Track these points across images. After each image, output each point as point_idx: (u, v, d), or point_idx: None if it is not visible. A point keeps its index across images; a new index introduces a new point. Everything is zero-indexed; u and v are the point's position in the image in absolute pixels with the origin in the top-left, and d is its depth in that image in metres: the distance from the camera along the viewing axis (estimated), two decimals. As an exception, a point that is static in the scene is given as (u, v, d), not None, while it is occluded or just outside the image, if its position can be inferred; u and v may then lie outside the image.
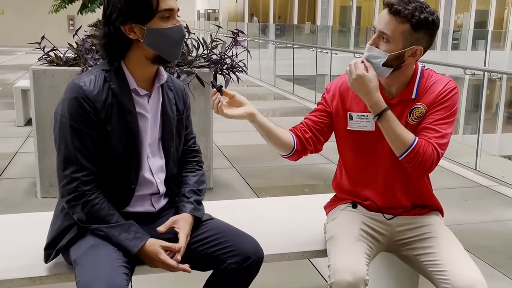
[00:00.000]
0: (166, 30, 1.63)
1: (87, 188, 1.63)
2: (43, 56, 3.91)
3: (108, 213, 1.64)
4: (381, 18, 1.75)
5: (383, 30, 1.73)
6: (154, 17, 1.61)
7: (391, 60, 1.75)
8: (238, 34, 3.91)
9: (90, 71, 1.70)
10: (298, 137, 1.92)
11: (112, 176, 1.69)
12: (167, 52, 1.67)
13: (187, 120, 1.90)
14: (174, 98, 1.82)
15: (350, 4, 27.94)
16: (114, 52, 1.67)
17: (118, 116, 1.65)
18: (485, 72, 5.72)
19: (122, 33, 1.63)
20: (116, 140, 1.66)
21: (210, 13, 28.20)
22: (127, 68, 1.69)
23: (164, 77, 1.77)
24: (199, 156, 1.96)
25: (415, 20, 1.70)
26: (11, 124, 6.46)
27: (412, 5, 1.71)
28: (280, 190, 4.50)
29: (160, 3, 1.60)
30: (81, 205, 1.62)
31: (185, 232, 1.70)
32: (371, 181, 1.93)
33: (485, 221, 3.75)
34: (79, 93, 1.61)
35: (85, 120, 1.61)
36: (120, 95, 1.66)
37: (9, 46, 19.57)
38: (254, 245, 1.73)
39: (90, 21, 5.97)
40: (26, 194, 4.00)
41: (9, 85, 9.41)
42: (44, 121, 3.69)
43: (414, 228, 1.87)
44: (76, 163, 1.62)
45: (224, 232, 1.75)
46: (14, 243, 1.97)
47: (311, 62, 10.13)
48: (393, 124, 1.75)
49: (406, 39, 1.73)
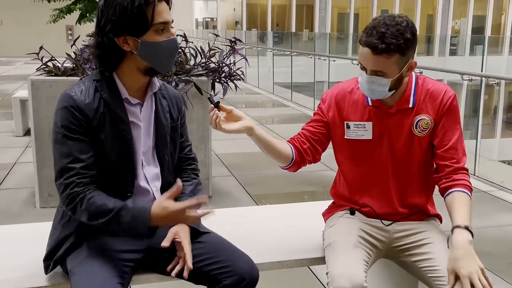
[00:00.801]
0: (160, 43, 1.63)
1: (81, 189, 1.60)
2: (42, 67, 3.92)
3: (105, 202, 1.60)
4: (368, 59, 1.73)
5: (375, 69, 1.74)
6: (149, 30, 1.61)
7: (393, 83, 1.77)
8: (236, 43, 3.93)
9: (82, 82, 1.70)
10: (296, 148, 1.93)
11: (108, 185, 1.68)
12: (160, 64, 1.67)
13: (182, 127, 1.89)
14: (168, 106, 1.82)
15: (347, 11, 28.09)
16: (106, 63, 1.67)
17: (110, 125, 1.65)
18: (483, 77, 5.74)
19: (115, 45, 1.62)
20: (110, 149, 1.66)
21: (208, 21, 28.28)
22: (119, 78, 1.69)
23: (156, 86, 1.77)
24: (195, 164, 1.95)
25: (401, 47, 1.70)
26: (10, 134, 6.47)
27: (389, 33, 1.68)
28: (279, 197, 4.50)
29: (155, 16, 1.60)
30: (79, 204, 1.60)
31: (188, 242, 1.70)
32: (369, 189, 1.93)
33: (485, 226, 3.75)
34: (70, 102, 1.61)
35: (78, 128, 1.61)
36: (112, 104, 1.66)
37: (8, 56, 19.62)
38: (250, 264, 1.72)
39: (88, 31, 6.00)
40: (25, 204, 4.00)
41: (8, 95, 9.43)
42: (43, 131, 3.70)
43: (412, 234, 1.87)
44: (70, 169, 1.61)
45: (220, 250, 1.74)
46: (14, 253, 1.96)
47: (309, 69, 10.16)
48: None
49: (400, 65, 1.74)
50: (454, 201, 1.76)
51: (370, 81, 1.77)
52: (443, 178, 1.82)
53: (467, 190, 1.78)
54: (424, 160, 1.89)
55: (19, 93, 7.03)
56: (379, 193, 1.92)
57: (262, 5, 27.22)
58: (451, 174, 1.81)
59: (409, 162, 1.88)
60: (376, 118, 1.88)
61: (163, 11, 1.62)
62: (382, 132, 1.88)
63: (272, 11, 26.99)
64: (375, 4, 26.99)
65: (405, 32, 1.70)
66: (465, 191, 1.78)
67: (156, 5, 1.59)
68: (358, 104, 1.90)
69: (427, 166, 1.92)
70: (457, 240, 1.63)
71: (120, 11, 1.57)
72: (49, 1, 7.13)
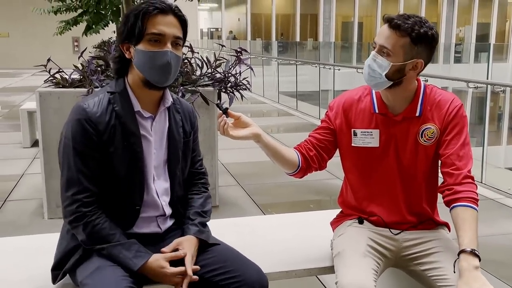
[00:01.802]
0: (149, 53, 1.65)
1: (88, 210, 1.64)
2: (49, 78, 3.95)
3: (109, 232, 1.65)
4: (381, 33, 1.78)
5: (384, 44, 1.76)
6: (143, 38, 1.65)
7: (392, 72, 1.77)
8: (242, 53, 3.95)
9: (96, 93, 1.73)
10: (302, 155, 1.93)
11: (116, 197, 1.70)
12: (152, 76, 1.67)
13: (194, 142, 1.91)
14: (182, 121, 1.83)
15: (351, 20, 28.16)
16: (118, 69, 1.75)
17: (121, 138, 1.67)
18: (488, 85, 5.73)
19: (123, 53, 1.71)
20: (119, 162, 1.67)
21: (213, 31, 28.44)
22: (131, 90, 1.72)
23: (169, 100, 1.78)
24: (205, 178, 1.96)
25: (414, 33, 1.72)
26: (18, 146, 6.51)
27: (411, 19, 1.74)
28: (285, 207, 4.49)
29: (149, 26, 1.64)
30: (82, 226, 1.63)
31: (190, 253, 1.70)
32: (377, 197, 1.93)
33: (493, 234, 3.73)
34: (82, 115, 1.63)
35: (87, 142, 1.63)
36: (123, 117, 1.68)
37: (15, 68, 19.77)
38: (259, 273, 1.73)
39: (94, 42, 6.03)
40: (33, 215, 4.01)
41: (15, 107, 9.50)
42: (51, 142, 3.72)
43: (421, 243, 1.87)
44: (78, 185, 1.63)
45: (230, 259, 1.74)
46: (23, 265, 1.97)
47: (314, 78, 10.19)
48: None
49: (406, 53, 1.75)
50: (458, 218, 1.70)
51: (372, 59, 1.79)
52: (446, 190, 1.78)
53: (471, 203, 1.72)
54: (430, 169, 1.89)
55: (26, 104, 7.08)
56: (387, 201, 1.91)
57: (266, 15, 27.36)
58: (454, 186, 1.76)
59: (415, 170, 1.88)
60: (383, 125, 1.88)
61: (159, 23, 1.65)
62: (389, 140, 1.88)
63: (276, 20, 27.12)
64: (379, 12, 27.07)
65: (425, 28, 1.73)
66: (469, 205, 1.72)
67: (154, 16, 1.65)
68: (366, 111, 1.91)
69: (433, 176, 1.91)
70: (462, 266, 1.60)
71: (124, 20, 1.69)
72: (56, 14, 7.20)
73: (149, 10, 1.64)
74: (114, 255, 1.62)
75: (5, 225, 3.85)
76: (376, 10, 27.30)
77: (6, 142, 6.90)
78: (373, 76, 1.80)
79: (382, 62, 1.77)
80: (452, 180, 1.77)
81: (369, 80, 1.84)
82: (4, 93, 12.87)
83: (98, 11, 6.48)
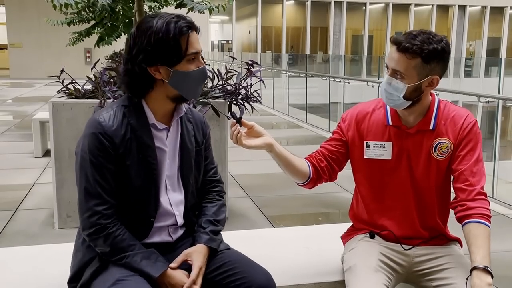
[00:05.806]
0: (191, 73, 1.66)
1: (108, 221, 1.65)
2: (62, 89, 3.99)
3: (130, 243, 1.66)
4: (391, 57, 1.77)
5: (396, 68, 1.76)
6: (182, 60, 1.64)
7: (410, 93, 1.77)
8: (253, 65, 3.97)
9: (110, 106, 1.73)
10: (313, 165, 1.93)
11: (131, 209, 1.71)
12: (189, 92, 1.70)
13: (207, 150, 1.91)
14: (193, 130, 1.84)
15: (361, 33, 28.22)
16: (136, 90, 1.70)
17: (137, 151, 1.68)
18: (500, 99, 5.71)
19: (147, 73, 1.64)
20: (135, 175, 1.69)
21: (224, 44, 28.62)
22: (147, 104, 1.72)
23: (182, 111, 1.79)
24: (220, 186, 1.96)
25: (424, 53, 1.71)
26: (29, 155, 6.56)
27: (419, 38, 1.72)
28: (295, 219, 4.48)
29: (189, 47, 1.63)
30: (103, 238, 1.64)
31: (199, 265, 1.70)
32: (388, 210, 1.93)
33: (505, 250, 3.68)
34: (98, 128, 1.64)
35: (104, 155, 1.64)
36: (139, 130, 1.69)
37: (28, 78, 19.98)
38: (267, 276, 1.73)
39: (106, 53, 6.08)
40: (43, 225, 4.03)
41: (27, 116, 9.58)
42: (62, 152, 3.75)
43: (433, 258, 1.86)
44: (98, 197, 1.65)
45: (238, 262, 1.75)
46: (34, 275, 1.98)
47: (324, 91, 10.20)
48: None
49: (420, 73, 1.75)
50: (470, 235, 1.68)
51: (387, 83, 1.78)
52: (458, 205, 1.77)
53: (484, 220, 1.71)
54: (442, 183, 1.88)
55: (38, 114, 7.14)
56: (399, 214, 1.90)
57: (277, 28, 27.50)
58: (466, 202, 1.75)
59: (428, 184, 1.87)
60: (395, 138, 1.88)
61: (194, 41, 1.65)
62: (401, 153, 1.88)
63: (286, 33, 27.24)
64: (389, 26, 27.11)
65: (435, 43, 1.72)
66: (482, 222, 1.70)
67: (190, 36, 1.63)
68: (379, 123, 1.91)
69: (445, 190, 1.90)
70: (474, 283, 1.58)
71: (155, 41, 1.60)
72: (69, 25, 7.28)
73: (183, 30, 1.61)
74: (135, 262, 1.63)
75: (15, 234, 3.87)
76: (387, 23, 27.33)
77: (18, 151, 6.95)
78: (392, 99, 1.80)
79: (397, 85, 1.77)
80: (464, 195, 1.76)
81: (388, 103, 1.84)
82: (17, 103, 13.01)
83: (112, 23, 6.54)
